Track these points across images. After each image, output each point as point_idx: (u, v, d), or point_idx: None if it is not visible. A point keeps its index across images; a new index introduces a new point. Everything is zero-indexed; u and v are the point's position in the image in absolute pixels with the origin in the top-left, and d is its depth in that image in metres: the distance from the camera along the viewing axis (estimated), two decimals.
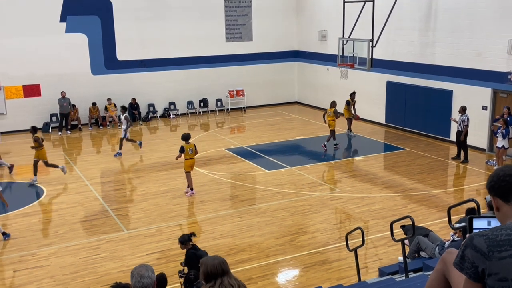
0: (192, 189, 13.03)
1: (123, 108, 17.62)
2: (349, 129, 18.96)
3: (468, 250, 2.13)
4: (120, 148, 16.78)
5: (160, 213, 11.86)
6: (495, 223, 2.38)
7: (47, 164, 14.40)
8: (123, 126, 16.62)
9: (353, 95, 18.90)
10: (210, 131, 20.36)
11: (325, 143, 17.11)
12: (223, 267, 3.96)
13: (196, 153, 13.03)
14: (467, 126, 15.19)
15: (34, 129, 14.51)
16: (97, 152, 18.01)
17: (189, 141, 12.91)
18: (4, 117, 19.94)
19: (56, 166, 14.59)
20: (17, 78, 19.90)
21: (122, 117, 16.78)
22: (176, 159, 13.35)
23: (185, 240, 7.74)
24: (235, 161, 15.89)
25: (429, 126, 18.14)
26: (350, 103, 18.72)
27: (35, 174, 14.18)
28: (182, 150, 12.72)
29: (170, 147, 17.65)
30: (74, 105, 20.42)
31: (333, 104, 17.29)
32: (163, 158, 16.32)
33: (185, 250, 7.84)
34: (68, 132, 20.14)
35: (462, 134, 15.26)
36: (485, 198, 9.05)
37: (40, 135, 14.76)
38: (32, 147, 14.30)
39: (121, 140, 16.71)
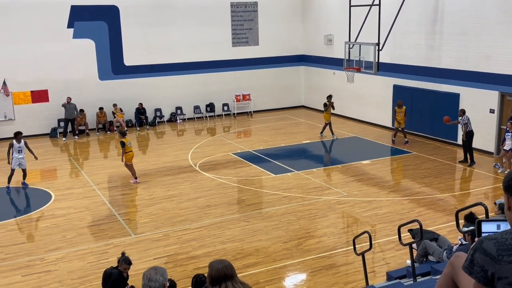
0: (136, 178, 14.37)
1: (19, 134, 14.25)
2: (327, 133, 19.22)
3: (478, 254, 2.12)
4: (25, 178, 14.35)
5: (167, 217, 11.89)
6: (504, 226, 2.38)
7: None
8: (20, 155, 14.02)
9: (329, 97, 19.27)
10: (217, 135, 20.40)
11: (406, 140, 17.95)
12: (226, 272, 3.95)
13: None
14: (466, 124, 15.16)
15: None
16: (104, 157, 18.08)
17: (125, 136, 14.45)
18: (13, 122, 20.07)
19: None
20: (25, 83, 20.04)
21: (22, 144, 14.12)
22: (123, 157, 14.34)
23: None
24: (242, 166, 15.90)
25: (436, 130, 18.07)
26: (327, 105, 19.05)
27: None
28: (123, 144, 14.12)
29: (176, 151, 17.70)
30: (82, 110, 20.52)
31: (401, 104, 17.76)
32: (170, 162, 16.36)
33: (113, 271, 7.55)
34: (76, 137, 20.24)
35: (463, 134, 15.25)
36: (494, 203, 9.01)
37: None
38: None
39: (23, 171, 14.22)
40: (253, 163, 16.10)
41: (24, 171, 14.24)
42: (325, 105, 19.14)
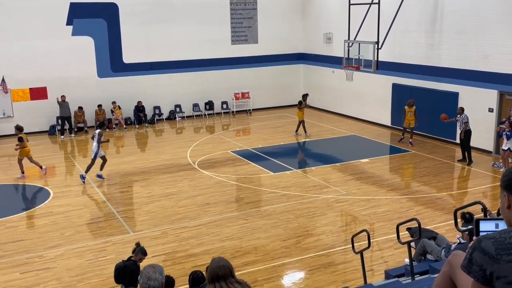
0: (23, 173, 14.78)
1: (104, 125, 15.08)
2: (301, 131, 19.30)
3: (476, 253, 2.11)
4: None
5: (166, 215, 11.88)
6: (503, 225, 2.37)
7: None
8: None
9: (305, 96, 19.74)
10: (216, 133, 20.39)
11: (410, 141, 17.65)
12: (219, 272, 3.99)
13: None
14: (466, 123, 15.16)
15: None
16: None
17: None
18: (11, 119, 20.03)
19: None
20: (24, 81, 20.00)
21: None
22: (16, 149, 14.77)
23: None
24: (241, 164, 15.90)
25: (435, 128, 18.07)
26: (302, 103, 19.24)
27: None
28: (21, 139, 14.57)
29: (175, 149, 17.69)
30: (80, 107, 20.44)
31: (412, 103, 17.50)
32: (169, 160, 16.35)
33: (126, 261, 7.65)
34: (72, 135, 20.15)
35: (462, 133, 15.23)
36: None
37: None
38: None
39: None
40: (252, 161, 16.10)
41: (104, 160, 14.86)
42: (300, 103, 19.33)
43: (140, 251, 7.60)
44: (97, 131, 14.76)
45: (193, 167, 15.55)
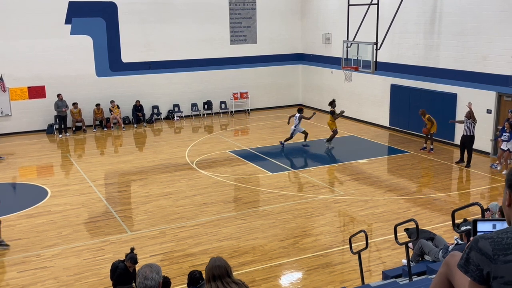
0: None
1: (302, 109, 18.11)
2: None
3: (473, 253, 2.11)
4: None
5: (164, 215, 11.87)
6: (500, 226, 2.37)
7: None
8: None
9: (333, 103, 17.88)
10: (214, 133, 20.38)
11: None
12: (214, 272, 4.02)
13: None
14: (472, 124, 15.14)
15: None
16: (101, 154, 18.03)
17: None
18: (9, 118, 20.01)
19: None
20: (22, 79, 19.97)
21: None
22: None
23: None
24: (239, 163, 15.90)
25: None
26: (335, 112, 17.66)
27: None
28: None
29: (174, 149, 17.68)
30: (75, 103, 20.24)
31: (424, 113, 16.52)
32: (167, 160, 16.34)
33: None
34: (67, 134, 20.05)
35: (468, 136, 15.09)
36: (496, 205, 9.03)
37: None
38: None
39: None
40: (250, 161, 16.10)
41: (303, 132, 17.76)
42: (332, 112, 17.61)
43: (130, 259, 7.56)
44: (298, 115, 17.66)
45: (191, 167, 15.54)
